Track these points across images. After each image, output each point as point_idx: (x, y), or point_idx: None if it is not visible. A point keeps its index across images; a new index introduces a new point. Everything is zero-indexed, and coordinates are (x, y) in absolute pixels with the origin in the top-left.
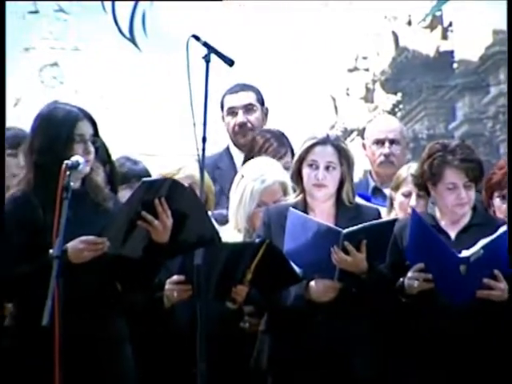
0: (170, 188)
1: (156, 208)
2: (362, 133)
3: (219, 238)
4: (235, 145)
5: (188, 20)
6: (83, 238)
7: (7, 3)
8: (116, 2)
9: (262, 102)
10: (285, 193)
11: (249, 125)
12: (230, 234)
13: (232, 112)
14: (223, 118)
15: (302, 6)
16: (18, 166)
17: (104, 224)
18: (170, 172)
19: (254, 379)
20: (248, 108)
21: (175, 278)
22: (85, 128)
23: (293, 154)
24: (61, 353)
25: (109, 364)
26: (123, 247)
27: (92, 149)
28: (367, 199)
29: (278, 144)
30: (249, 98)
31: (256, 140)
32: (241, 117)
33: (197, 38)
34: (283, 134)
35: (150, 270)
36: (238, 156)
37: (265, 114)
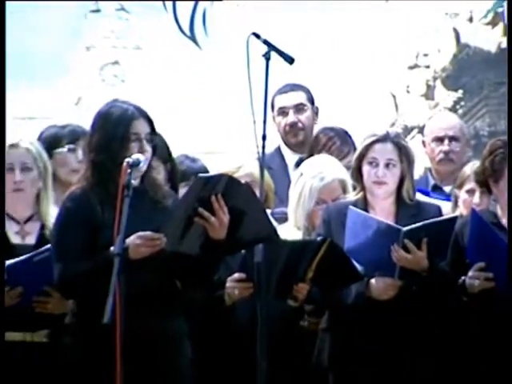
0: (227, 184)
1: (213, 204)
2: (422, 130)
3: (277, 235)
4: (286, 145)
5: (248, 18)
6: (141, 233)
7: (71, 3)
8: (177, 1)
9: (312, 101)
10: (344, 190)
11: (299, 124)
12: (290, 231)
13: (282, 112)
14: (274, 118)
15: (363, 4)
16: (77, 161)
17: (162, 221)
18: (230, 170)
19: (315, 377)
20: (298, 108)
21: (236, 275)
22: (140, 127)
23: None
24: (122, 350)
25: (167, 362)
26: (180, 244)
27: (148, 147)
28: (426, 194)
29: (341, 143)
30: (299, 97)
31: (319, 138)
32: (291, 117)
33: (257, 35)
34: (347, 132)
35: (208, 267)
36: (289, 156)
37: (315, 112)
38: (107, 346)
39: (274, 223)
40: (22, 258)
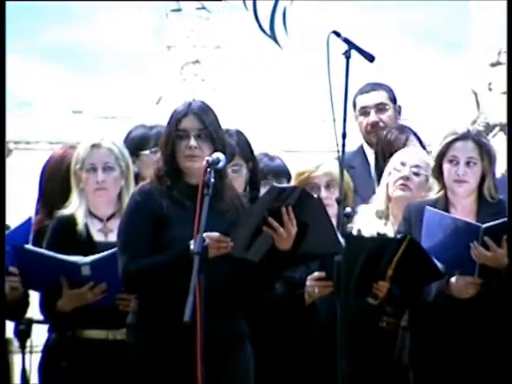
0: (299, 197)
1: (283, 216)
2: (504, 128)
3: (342, 251)
4: (368, 144)
5: (328, 16)
6: (208, 233)
7: (152, 2)
8: (258, 0)
9: (394, 100)
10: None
11: (381, 124)
12: (370, 220)
13: (364, 112)
14: (356, 117)
15: (446, 2)
16: None
17: (229, 224)
18: (309, 169)
19: (395, 376)
20: (380, 107)
21: (316, 274)
22: (189, 123)
23: None
24: (202, 349)
25: (231, 363)
26: (247, 251)
27: (194, 143)
28: None
29: (398, 132)
30: (380, 97)
31: (379, 135)
32: (373, 116)
33: (337, 34)
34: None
35: (268, 276)
36: (371, 155)
37: (397, 111)
38: (172, 344)
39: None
40: (105, 253)
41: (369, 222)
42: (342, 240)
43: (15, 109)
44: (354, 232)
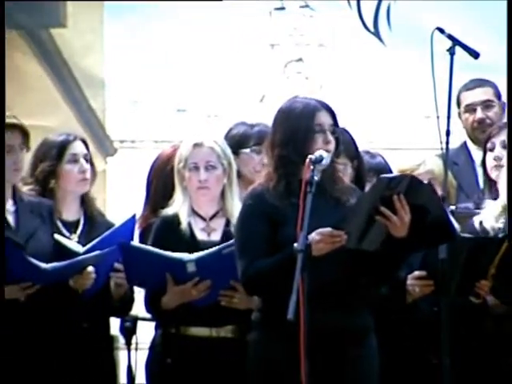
0: (409, 184)
1: (395, 204)
2: None
3: (457, 235)
4: (473, 141)
5: (432, 13)
6: (321, 229)
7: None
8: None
9: (499, 96)
10: None
11: (487, 121)
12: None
13: (470, 109)
14: (459, 114)
15: None
16: (260, 163)
17: (340, 217)
18: (410, 167)
19: (502, 376)
20: (486, 104)
21: (417, 273)
22: (324, 118)
23: None
24: (306, 346)
25: (351, 357)
26: (361, 242)
27: (331, 138)
28: None
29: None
30: (486, 93)
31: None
32: (479, 113)
33: (441, 30)
34: None
35: (390, 264)
36: (475, 152)
37: (502, 108)
38: (292, 342)
39: (455, 222)
40: (210, 250)
41: (494, 216)
42: (456, 226)
43: (120, 108)
44: (477, 226)
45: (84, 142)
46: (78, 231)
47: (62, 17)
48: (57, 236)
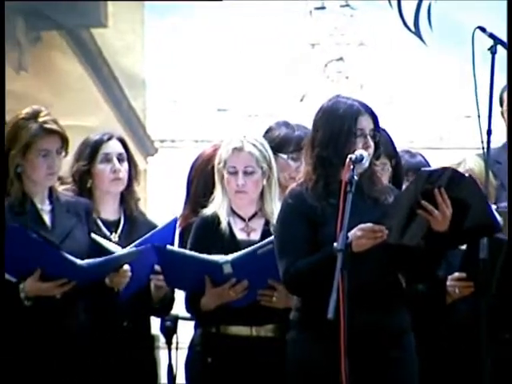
0: (450, 178)
1: (436, 198)
2: None
3: (501, 229)
4: None
5: (473, 12)
6: (362, 225)
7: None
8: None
9: None
10: None
11: None
12: None
13: None
14: (502, 113)
15: None
16: (296, 170)
17: (379, 217)
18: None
19: None
20: None
21: (457, 274)
22: (365, 122)
23: None
24: (346, 345)
25: (391, 356)
26: (402, 236)
27: (371, 143)
28: None
29: None
30: None
31: None
32: None
33: (482, 29)
34: None
35: (431, 259)
36: None
37: None
38: (330, 342)
39: (497, 216)
40: (245, 251)
41: None
42: (499, 218)
43: (161, 107)
44: None
45: (121, 141)
46: (119, 231)
47: (103, 17)
48: (94, 236)
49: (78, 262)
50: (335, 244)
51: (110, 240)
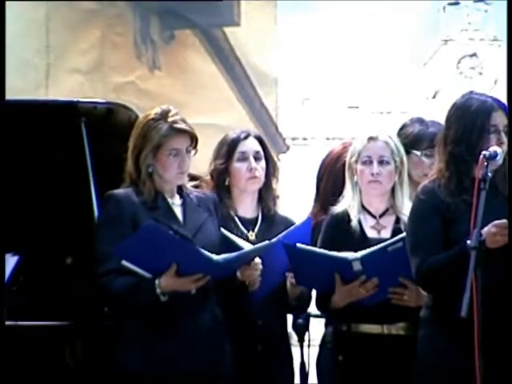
0: None
1: None
2: None
3: None
4: None
5: None
6: (496, 222)
7: None
8: None
9: None
10: None
11: None
12: None
13: None
14: None
15: None
16: (429, 167)
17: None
18: None
19: None
20: None
21: None
22: (499, 119)
23: None
24: (480, 345)
25: None
26: None
27: (505, 139)
28: None
29: None
30: None
31: None
32: None
33: None
34: None
35: None
36: None
37: None
38: (462, 340)
39: None
40: (375, 248)
41: None
42: None
43: (292, 105)
44: None
45: (258, 139)
46: (256, 229)
47: (236, 15)
48: (224, 231)
49: (214, 257)
50: (468, 241)
51: (248, 238)
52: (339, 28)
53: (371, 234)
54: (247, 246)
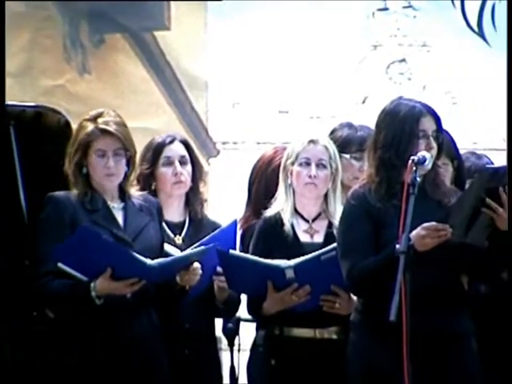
0: None
1: (501, 196)
2: None
3: None
4: None
5: None
6: (426, 224)
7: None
8: None
9: None
10: None
11: None
12: None
13: None
14: None
15: None
16: (359, 170)
17: (442, 219)
18: None
19: None
20: None
21: None
22: (427, 124)
23: None
24: (408, 349)
25: (453, 360)
26: (467, 235)
27: (434, 144)
28: None
29: None
30: None
31: None
32: None
33: None
34: None
35: (496, 259)
36: None
37: None
38: (391, 344)
39: None
40: (308, 256)
41: None
42: None
43: (223, 109)
44: None
45: (184, 143)
46: (183, 233)
47: (166, 19)
48: None
49: (148, 261)
50: (397, 246)
51: (175, 242)
52: (270, 32)
53: (304, 238)
54: (175, 252)
